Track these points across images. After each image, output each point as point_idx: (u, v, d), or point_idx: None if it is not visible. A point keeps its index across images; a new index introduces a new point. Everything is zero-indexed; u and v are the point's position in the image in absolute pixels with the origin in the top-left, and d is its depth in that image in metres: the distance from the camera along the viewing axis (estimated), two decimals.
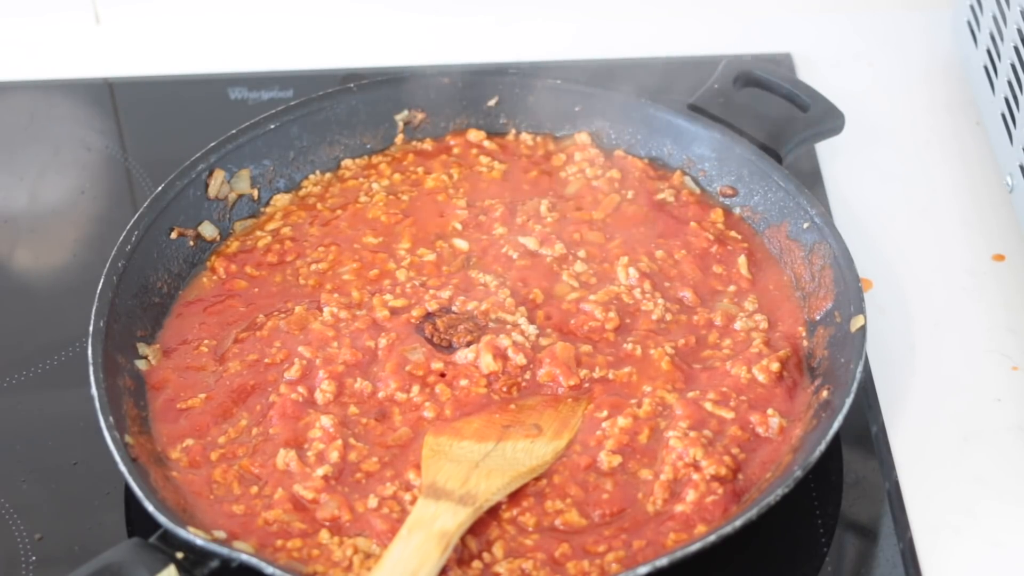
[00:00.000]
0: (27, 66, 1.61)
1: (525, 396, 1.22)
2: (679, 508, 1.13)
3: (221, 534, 1.11)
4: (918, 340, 1.32)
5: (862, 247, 1.35)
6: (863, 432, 1.25)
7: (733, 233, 1.35)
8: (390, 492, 1.14)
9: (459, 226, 1.36)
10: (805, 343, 1.26)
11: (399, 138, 1.45)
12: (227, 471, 1.16)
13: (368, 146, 1.44)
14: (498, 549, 1.11)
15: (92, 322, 1.20)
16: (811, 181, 1.44)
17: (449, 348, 1.25)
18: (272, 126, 1.39)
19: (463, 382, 1.22)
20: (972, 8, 1.47)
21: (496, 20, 1.65)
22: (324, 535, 1.12)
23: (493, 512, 1.13)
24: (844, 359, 1.20)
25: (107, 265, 1.25)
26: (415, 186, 1.40)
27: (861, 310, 1.22)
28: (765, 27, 1.65)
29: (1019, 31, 1.33)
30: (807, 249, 1.30)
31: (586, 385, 1.22)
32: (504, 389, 1.22)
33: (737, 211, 1.37)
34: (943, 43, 1.60)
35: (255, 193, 1.38)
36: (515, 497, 1.14)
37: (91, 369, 1.17)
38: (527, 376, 1.23)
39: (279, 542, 1.12)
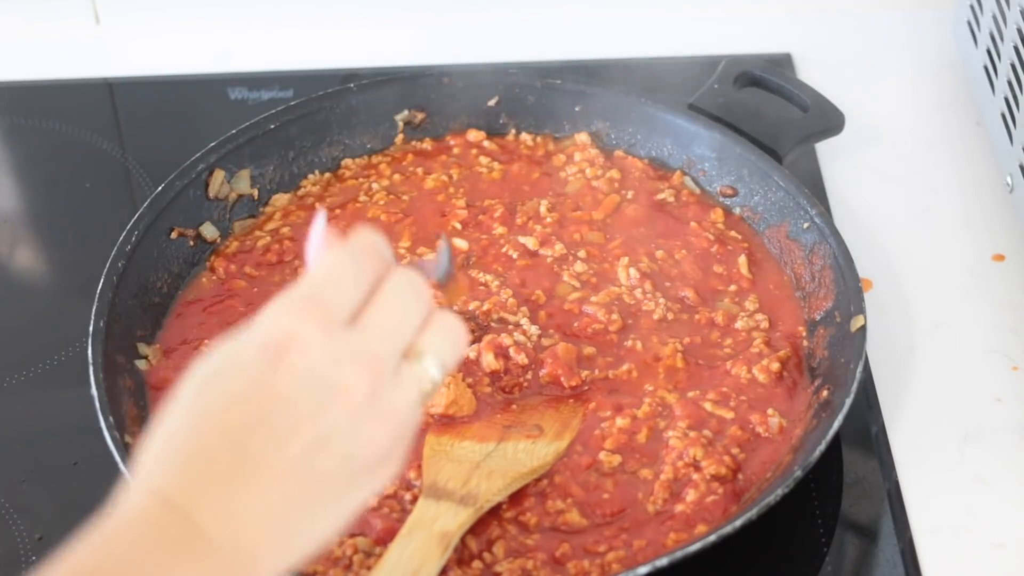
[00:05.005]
0: (27, 66, 1.61)
1: (527, 396, 1.22)
2: (679, 508, 1.13)
3: None
4: (918, 340, 1.32)
5: (862, 247, 1.34)
6: (863, 432, 1.25)
7: (733, 233, 1.35)
8: (390, 492, 1.14)
9: (459, 226, 1.36)
10: (805, 343, 1.26)
11: (399, 138, 1.45)
12: None
13: (368, 146, 1.44)
14: (499, 549, 1.11)
15: (92, 322, 1.20)
16: (811, 181, 1.44)
17: None
18: (272, 126, 1.39)
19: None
20: (972, 8, 1.47)
21: (496, 20, 1.65)
22: None
23: (494, 512, 1.13)
24: (844, 359, 1.20)
25: (107, 265, 1.25)
26: (415, 186, 1.40)
27: (861, 310, 1.22)
28: (765, 27, 1.64)
29: (1019, 31, 1.33)
30: (807, 249, 1.30)
31: (586, 387, 1.22)
32: (505, 389, 1.22)
33: (737, 211, 1.37)
34: (943, 43, 1.59)
35: (255, 193, 1.38)
36: (516, 497, 1.14)
37: (91, 369, 1.17)
38: (529, 376, 1.23)
39: None
